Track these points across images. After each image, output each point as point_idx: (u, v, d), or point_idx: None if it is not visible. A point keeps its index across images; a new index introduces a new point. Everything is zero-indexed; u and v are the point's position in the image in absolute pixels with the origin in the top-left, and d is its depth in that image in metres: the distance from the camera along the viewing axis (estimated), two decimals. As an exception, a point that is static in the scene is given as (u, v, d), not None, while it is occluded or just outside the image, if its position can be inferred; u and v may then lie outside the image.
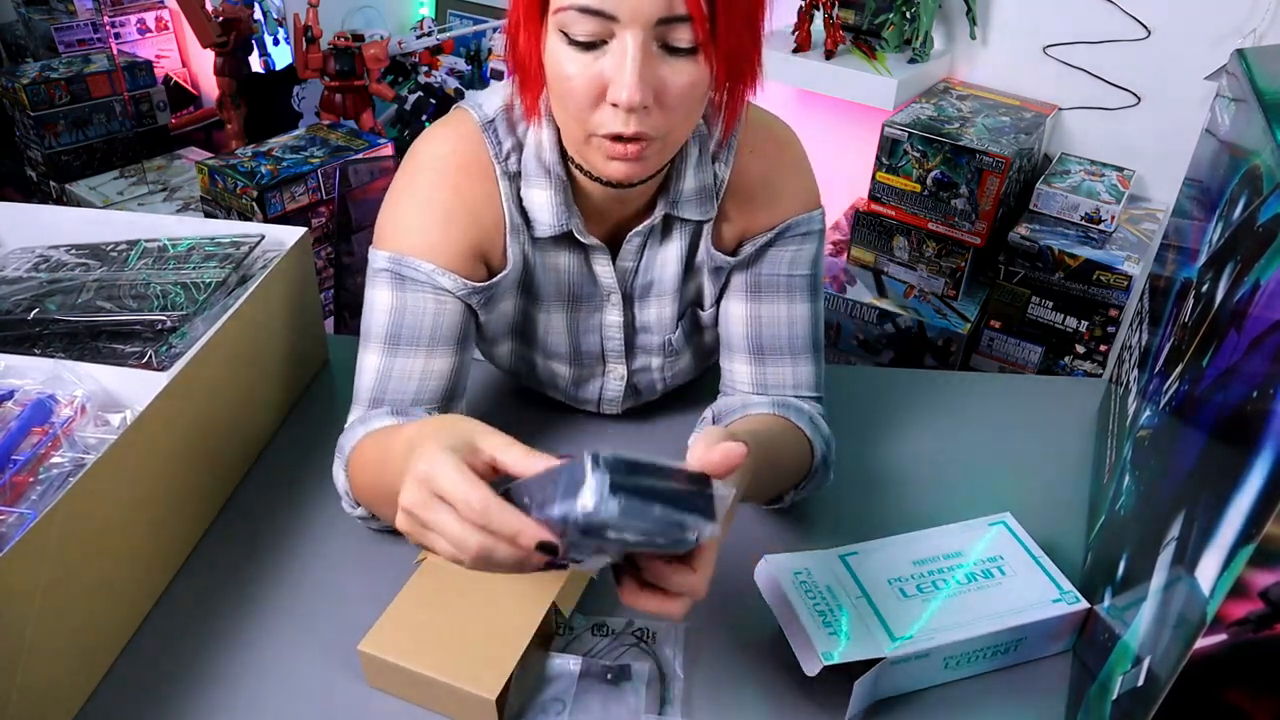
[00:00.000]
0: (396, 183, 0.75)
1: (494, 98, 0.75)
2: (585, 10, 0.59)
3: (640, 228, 0.77)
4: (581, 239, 0.76)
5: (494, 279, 0.76)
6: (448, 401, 0.77)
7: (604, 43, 0.61)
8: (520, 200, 0.75)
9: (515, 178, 0.74)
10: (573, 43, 0.61)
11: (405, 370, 0.74)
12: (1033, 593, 0.68)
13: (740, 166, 0.77)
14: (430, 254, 0.73)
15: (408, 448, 0.55)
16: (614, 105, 0.62)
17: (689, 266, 0.81)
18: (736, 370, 0.83)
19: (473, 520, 0.47)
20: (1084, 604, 0.68)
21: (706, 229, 0.79)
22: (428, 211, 0.73)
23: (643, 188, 0.74)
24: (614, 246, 0.79)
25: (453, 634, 0.64)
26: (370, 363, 0.75)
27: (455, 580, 0.67)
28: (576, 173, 0.72)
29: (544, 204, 0.74)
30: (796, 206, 0.80)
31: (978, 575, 0.70)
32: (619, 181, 0.68)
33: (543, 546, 0.47)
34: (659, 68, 0.61)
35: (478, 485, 0.48)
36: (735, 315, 0.82)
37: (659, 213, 0.76)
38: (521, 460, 0.50)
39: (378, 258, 0.74)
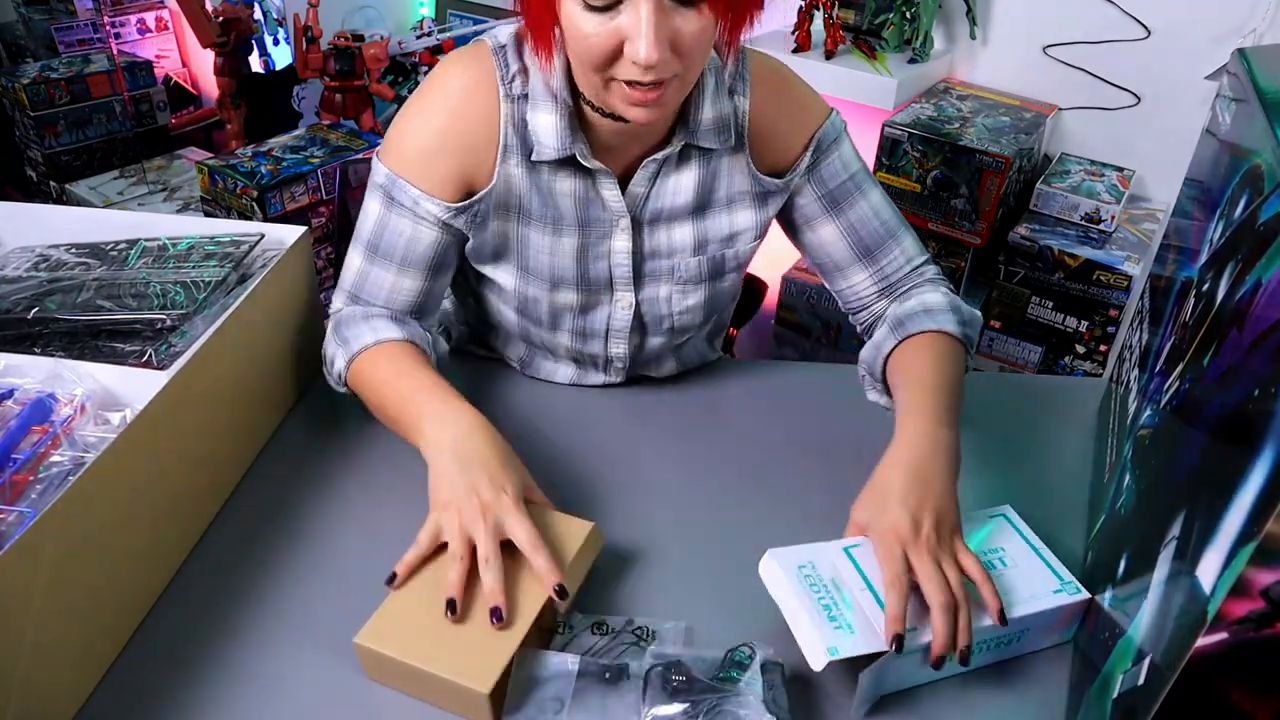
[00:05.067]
0: (410, 101, 0.81)
1: (511, 26, 0.79)
2: None
3: (657, 155, 0.80)
4: (585, 163, 0.79)
5: (475, 197, 0.80)
6: (418, 314, 0.86)
7: (618, 3, 0.65)
8: (520, 123, 0.78)
9: (519, 100, 0.78)
10: (589, 6, 0.65)
11: (378, 279, 0.84)
12: (1034, 584, 0.68)
13: (756, 99, 0.83)
14: (419, 179, 0.79)
15: (435, 417, 0.73)
16: (633, 62, 0.66)
17: (713, 200, 0.85)
18: (856, 282, 0.90)
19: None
20: (1085, 594, 0.68)
21: (742, 161, 0.84)
22: (425, 135, 0.79)
23: (660, 123, 0.78)
24: (627, 174, 0.82)
25: (448, 628, 0.64)
26: (354, 261, 0.85)
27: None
28: (585, 106, 0.76)
29: (548, 127, 0.77)
30: (816, 120, 0.86)
31: None
32: (642, 123, 0.72)
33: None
34: (672, 20, 0.66)
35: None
36: (830, 236, 0.88)
37: (678, 142, 0.80)
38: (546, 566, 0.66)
39: (378, 170, 0.82)
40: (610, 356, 0.93)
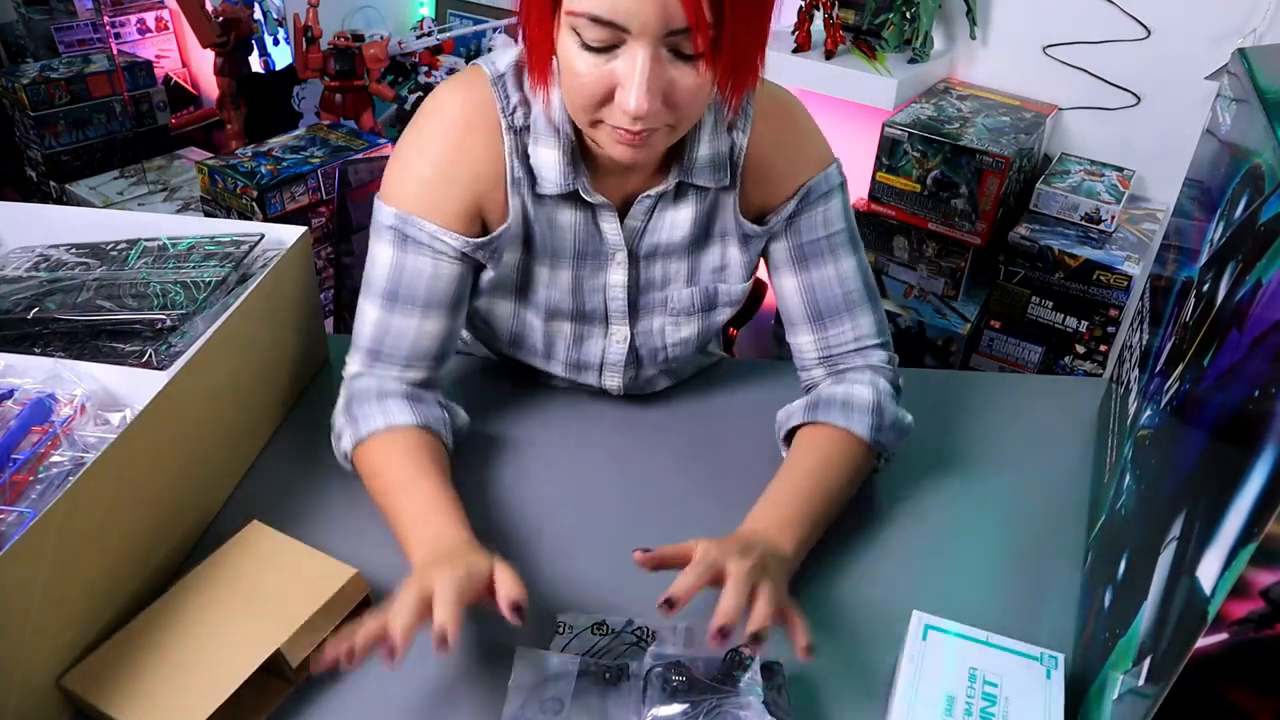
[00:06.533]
0: (406, 135, 0.78)
1: (508, 54, 0.77)
2: (597, 20, 0.62)
3: (652, 191, 0.79)
4: (587, 198, 0.77)
5: (495, 233, 0.78)
6: (437, 361, 0.81)
7: (614, 47, 0.63)
8: (524, 155, 0.77)
9: (521, 132, 0.76)
10: (585, 46, 0.64)
11: (400, 329, 0.79)
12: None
13: (756, 136, 0.80)
14: (433, 213, 0.76)
15: (426, 542, 0.68)
16: (623, 111, 0.65)
17: (707, 233, 0.84)
18: (801, 343, 0.87)
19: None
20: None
21: (732, 199, 0.82)
22: (431, 168, 0.76)
23: (652, 158, 0.76)
24: (624, 206, 0.80)
25: (166, 673, 0.61)
26: (370, 313, 0.79)
27: (181, 619, 0.65)
28: (586, 135, 0.74)
29: (551, 162, 0.76)
30: (811, 168, 0.82)
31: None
32: (625, 163, 0.71)
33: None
34: (667, 71, 0.64)
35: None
36: (789, 290, 0.86)
37: (673, 179, 0.78)
38: (508, 582, 0.61)
39: (384, 212, 0.77)
40: (605, 389, 0.92)
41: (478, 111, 0.75)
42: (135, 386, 0.75)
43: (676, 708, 0.60)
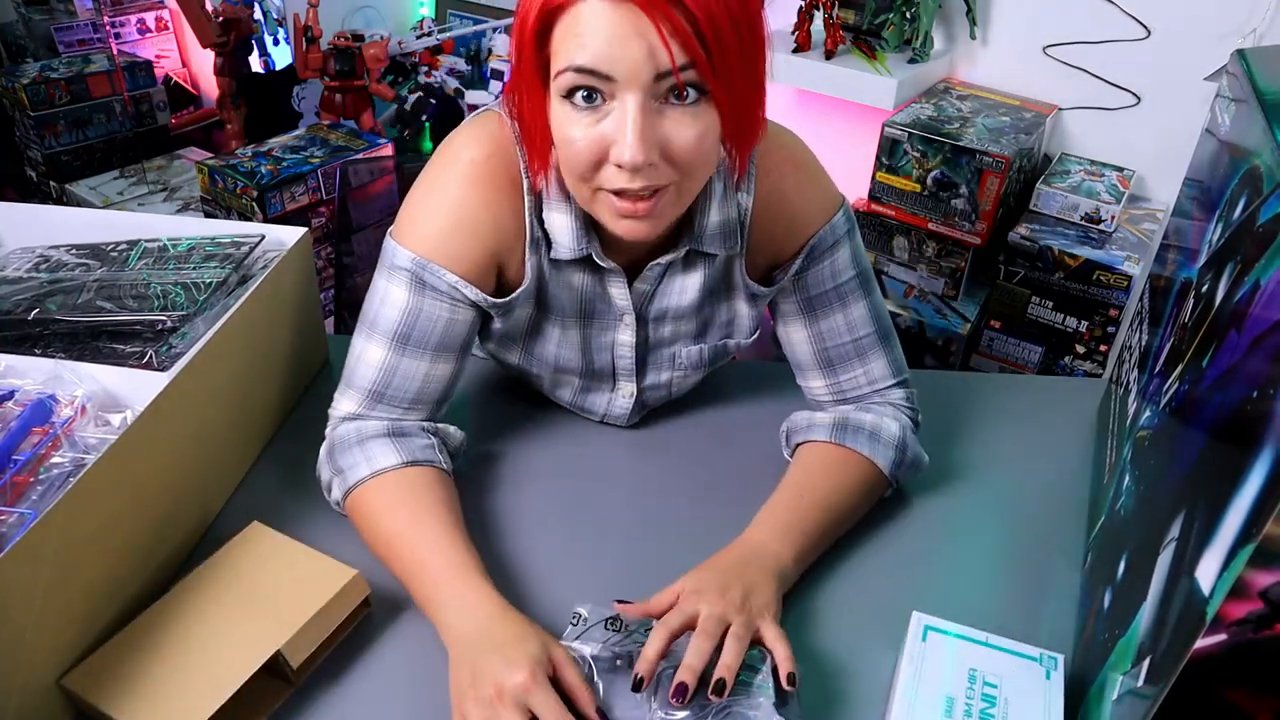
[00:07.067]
0: (428, 175, 0.75)
1: None
2: (581, 70, 0.60)
3: (662, 260, 0.77)
4: (600, 262, 0.76)
5: (512, 294, 0.77)
6: (439, 404, 0.80)
7: (604, 103, 0.62)
8: (540, 217, 0.75)
9: (539, 194, 0.74)
10: (573, 103, 0.62)
11: (410, 371, 0.76)
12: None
13: (759, 196, 0.78)
14: (454, 264, 0.74)
15: (450, 606, 0.66)
16: (618, 166, 0.62)
17: (714, 292, 0.82)
18: (813, 385, 0.87)
19: None
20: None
21: (739, 259, 0.80)
22: (455, 217, 0.73)
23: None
24: (634, 268, 0.79)
25: (164, 675, 0.61)
26: (374, 355, 0.76)
27: (182, 619, 0.65)
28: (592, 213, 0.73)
29: (564, 228, 0.74)
30: (816, 222, 0.80)
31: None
32: (631, 240, 0.69)
33: None
34: (661, 124, 0.62)
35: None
36: (798, 339, 0.85)
37: (683, 248, 0.77)
38: (577, 686, 0.61)
39: (400, 255, 0.74)
40: (607, 423, 0.93)
41: (503, 167, 0.73)
42: (136, 387, 0.75)
43: (685, 709, 0.61)
